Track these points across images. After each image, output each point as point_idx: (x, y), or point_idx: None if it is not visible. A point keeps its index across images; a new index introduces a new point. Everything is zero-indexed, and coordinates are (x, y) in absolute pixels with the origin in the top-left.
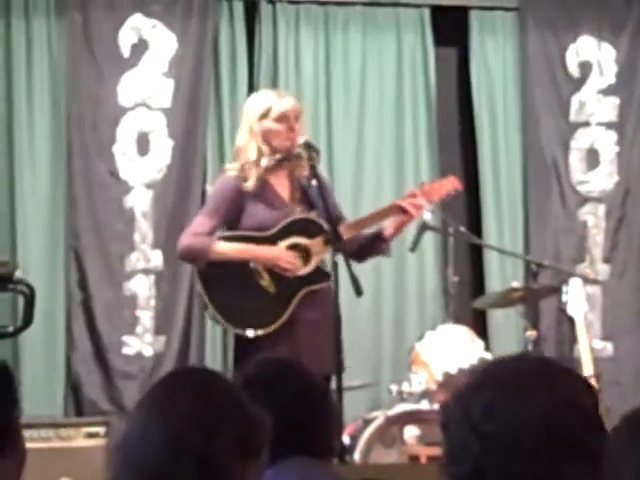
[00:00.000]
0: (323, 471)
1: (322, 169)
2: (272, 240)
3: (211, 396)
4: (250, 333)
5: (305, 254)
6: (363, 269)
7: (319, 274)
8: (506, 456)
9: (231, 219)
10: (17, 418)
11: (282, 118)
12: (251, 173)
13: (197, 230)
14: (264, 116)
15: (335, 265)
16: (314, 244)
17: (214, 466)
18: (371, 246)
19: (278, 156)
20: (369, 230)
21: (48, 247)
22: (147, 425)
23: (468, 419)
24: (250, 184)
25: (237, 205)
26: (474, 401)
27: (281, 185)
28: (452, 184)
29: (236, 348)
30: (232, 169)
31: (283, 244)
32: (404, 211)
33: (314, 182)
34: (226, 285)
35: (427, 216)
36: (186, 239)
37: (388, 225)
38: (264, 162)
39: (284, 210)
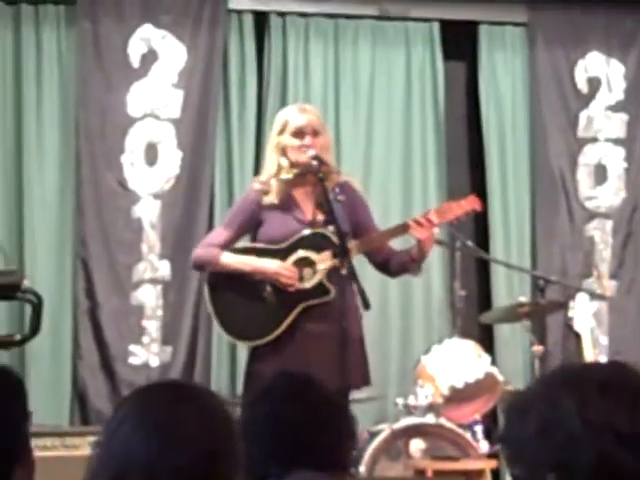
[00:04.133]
0: None
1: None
2: (282, 253)
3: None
4: (243, 344)
5: (311, 269)
6: (371, 282)
7: (320, 290)
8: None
9: (250, 231)
10: (28, 430)
11: (298, 133)
12: (272, 187)
13: (210, 241)
14: (282, 131)
15: (351, 279)
16: (322, 258)
17: None
18: (403, 263)
19: (296, 170)
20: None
21: (56, 256)
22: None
23: (557, 415)
24: (270, 198)
25: (254, 217)
26: (567, 398)
27: (304, 200)
28: (471, 204)
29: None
30: (257, 182)
31: (292, 258)
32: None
33: (340, 197)
34: (231, 294)
35: (435, 230)
36: (198, 249)
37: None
38: (284, 176)
39: (303, 224)
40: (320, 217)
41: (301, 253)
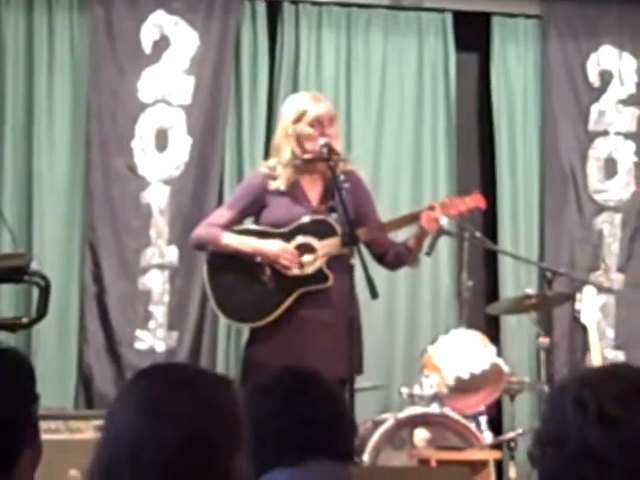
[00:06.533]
0: (342, 477)
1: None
2: (283, 237)
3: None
4: (237, 325)
5: (311, 255)
6: (378, 272)
7: (319, 276)
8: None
9: (252, 214)
10: (37, 412)
11: (316, 122)
12: (281, 173)
13: (212, 221)
14: (298, 120)
15: (351, 268)
16: (323, 246)
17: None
18: (400, 255)
19: (306, 156)
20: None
21: (64, 240)
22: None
23: (596, 403)
24: (277, 183)
25: (259, 201)
26: (605, 388)
27: (311, 187)
28: (475, 202)
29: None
30: (264, 166)
31: (293, 243)
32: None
33: (345, 184)
34: (230, 275)
35: (443, 220)
36: (199, 229)
37: (412, 236)
38: (292, 163)
39: (307, 211)
40: (326, 204)
41: (302, 239)
